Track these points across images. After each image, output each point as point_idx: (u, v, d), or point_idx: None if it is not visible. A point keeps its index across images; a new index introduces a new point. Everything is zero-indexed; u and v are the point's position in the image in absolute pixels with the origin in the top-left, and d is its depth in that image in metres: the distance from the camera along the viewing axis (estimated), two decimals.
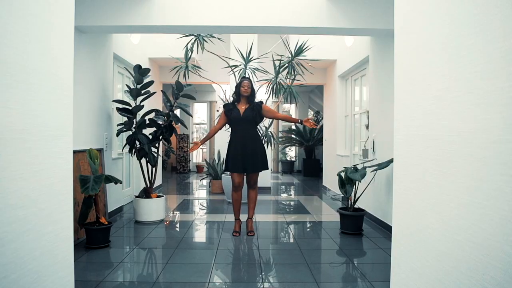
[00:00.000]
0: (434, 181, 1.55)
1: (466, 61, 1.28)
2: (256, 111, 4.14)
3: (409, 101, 1.81)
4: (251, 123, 4.14)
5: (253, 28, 4.16)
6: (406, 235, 1.82)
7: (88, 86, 4.34)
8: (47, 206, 1.73)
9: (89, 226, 3.64)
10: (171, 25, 3.97)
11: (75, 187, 3.80)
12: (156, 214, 4.76)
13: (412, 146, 1.77)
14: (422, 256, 1.63)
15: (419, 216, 1.67)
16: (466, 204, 1.29)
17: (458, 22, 1.33)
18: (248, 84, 4.16)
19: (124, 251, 3.62)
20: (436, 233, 1.52)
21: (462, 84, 1.33)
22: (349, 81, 6.62)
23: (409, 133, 1.80)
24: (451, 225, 1.41)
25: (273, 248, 3.85)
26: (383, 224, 4.53)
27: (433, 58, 1.57)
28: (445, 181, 1.47)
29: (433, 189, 1.57)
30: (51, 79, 1.84)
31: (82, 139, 4.19)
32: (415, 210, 1.72)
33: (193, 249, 3.72)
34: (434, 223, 1.55)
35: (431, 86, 1.59)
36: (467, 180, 1.28)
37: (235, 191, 4.24)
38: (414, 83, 1.75)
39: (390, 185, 4.37)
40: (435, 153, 1.56)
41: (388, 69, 4.49)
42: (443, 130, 1.51)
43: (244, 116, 4.13)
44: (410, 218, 1.76)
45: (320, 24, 4.01)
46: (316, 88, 10.97)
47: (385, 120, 4.56)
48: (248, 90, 4.14)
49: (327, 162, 7.93)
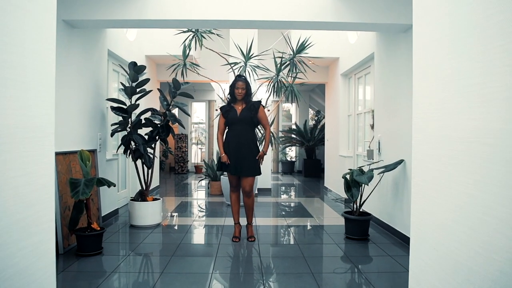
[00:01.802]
0: (463, 190, 1.35)
1: (503, 50, 1.08)
2: (254, 111, 3.92)
3: (430, 99, 1.61)
4: (248, 124, 3.93)
5: (254, 23, 3.95)
6: (427, 249, 1.61)
7: (80, 83, 4.13)
8: (23, 218, 1.53)
9: (80, 232, 3.43)
10: (167, 20, 3.76)
11: (66, 190, 3.60)
12: (152, 218, 4.55)
13: (435, 149, 1.56)
14: (449, 275, 1.43)
15: (444, 229, 1.47)
16: (506, 218, 1.10)
17: (490, 3, 1.12)
18: (242, 85, 3.91)
19: (117, 259, 3.42)
20: (467, 250, 1.33)
21: (499, 78, 1.12)
22: (352, 79, 6.42)
23: (430, 134, 1.60)
24: (486, 242, 1.21)
25: (275, 255, 3.64)
26: (389, 229, 4.33)
27: (462, 49, 1.37)
28: (479, 190, 1.27)
29: (462, 199, 1.37)
30: (30, 74, 1.64)
31: (73, 139, 3.98)
32: (439, 222, 1.51)
33: (190, 256, 3.51)
34: (464, 238, 1.35)
35: (459, 81, 1.38)
36: (506, 190, 1.08)
37: (233, 192, 4.06)
38: (437, 79, 1.55)
39: (397, 187, 4.17)
40: (464, 158, 1.36)
41: (394, 66, 4.29)
42: (475, 132, 1.30)
43: (241, 116, 3.93)
44: (433, 231, 1.56)
45: (324, 18, 3.81)
46: (317, 87, 10.77)
47: (391, 120, 4.36)
48: (243, 92, 3.91)
49: (329, 163, 7.73)
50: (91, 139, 4.43)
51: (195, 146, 12.29)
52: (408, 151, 3.91)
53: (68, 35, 3.83)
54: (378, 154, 4.71)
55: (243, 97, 3.93)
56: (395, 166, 3.93)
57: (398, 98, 4.16)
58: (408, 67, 3.92)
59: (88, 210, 3.50)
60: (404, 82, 4.01)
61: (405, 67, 3.98)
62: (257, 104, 3.97)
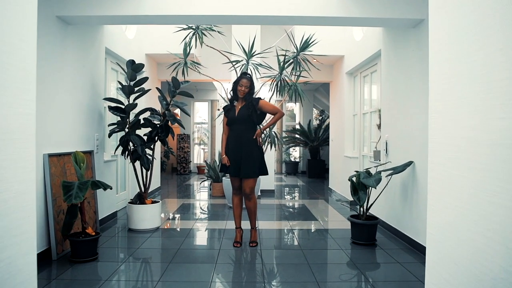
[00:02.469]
0: (491, 200, 1.18)
1: None
2: (252, 108, 3.74)
3: (449, 97, 1.43)
4: (247, 123, 3.74)
5: (256, 18, 3.78)
6: (447, 264, 1.44)
7: (76, 82, 3.98)
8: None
9: (74, 238, 3.28)
10: (164, 15, 3.60)
11: (60, 193, 3.45)
12: (150, 221, 4.40)
13: (455, 152, 1.39)
14: None
15: (467, 243, 1.30)
16: None
17: None
18: (246, 83, 3.74)
19: (113, 266, 3.26)
20: (494, 267, 1.16)
21: None
22: (358, 78, 6.23)
23: (450, 135, 1.42)
24: None
25: (278, 261, 3.47)
26: (397, 233, 4.15)
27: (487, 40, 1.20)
28: (510, 200, 1.11)
29: (489, 209, 1.20)
30: (8, 70, 1.49)
31: (69, 140, 3.83)
32: (461, 235, 1.34)
33: (189, 263, 3.35)
34: (492, 254, 1.18)
35: (483, 76, 1.21)
36: None
37: (235, 195, 3.89)
38: (456, 74, 1.38)
39: (405, 190, 3.99)
40: (491, 162, 1.19)
41: (403, 63, 4.11)
42: (503, 133, 1.13)
43: (238, 116, 3.76)
44: (454, 244, 1.39)
45: (330, 13, 3.63)
46: (321, 86, 10.58)
47: (399, 119, 4.17)
48: (246, 91, 3.74)
49: (333, 164, 7.55)
50: (88, 140, 4.28)
51: (197, 147, 12.15)
52: (417, 152, 3.73)
53: (63, 32, 3.69)
54: (386, 155, 4.52)
55: (244, 95, 3.77)
56: (404, 168, 3.75)
57: (407, 96, 3.98)
58: (418, 64, 3.74)
59: (82, 215, 3.35)
60: (413, 80, 3.83)
61: (415, 64, 3.79)
62: (256, 100, 3.78)
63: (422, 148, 3.60)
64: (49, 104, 3.45)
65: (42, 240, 3.29)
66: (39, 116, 3.29)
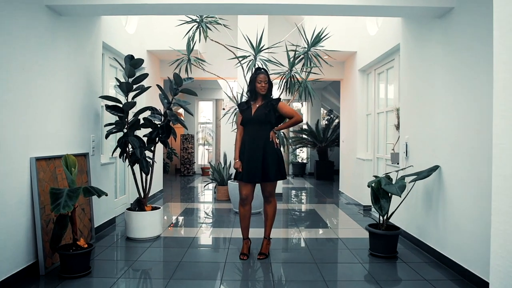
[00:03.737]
0: None
1: None
2: (270, 108, 3.41)
3: None
4: (263, 124, 3.41)
5: (263, 7, 3.41)
6: None
7: (68, 79, 3.65)
8: None
9: (63, 251, 2.95)
10: (164, 4, 3.26)
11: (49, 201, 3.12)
12: (150, 229, 4.06)
13: None
14: None
15: None
16: None
17: None
18: (265, 78, 3.42)
19: (107, 282, 2.91)
20: None
21: None
22: (372, 75, 5.87)
23: None
24: None
25: (289, 277, 3.12)
26: (420, 244, 3.78)
27: None
28: None
29: None
30: None
31: (60, 142, 3.50)
32: None
33: (191, 279, 3.00)
34: None
35: None
36: None
37: (242, 206, 3.52)
38: None
39: (429, 197, 3.62)
40: None
41: (426, 58, 3.74)
42: None
43: (254, 116, 3.43)
44: None
45: (346, 1, 3.27)
46: (329, 85, 10.20)
47: (422, 120, 3.81)
48: (266, 86, 3.42)
49: (344, 166, 7.18)
50: (83, 142, 3.96)
51: (201, 147, 11.82)
52: (445, 155, 3.36)
53: (54, 23, 3.36)
54: (406, 158, 4.16)
55: (266, 92, 3.43)
56: (429, 173, 3.38)
57: (432, 95, 3.61)
58: (445, 58, 3.37)
59: (73, 225, 3.02)
60: (439, 76, 3.46)
61: (442, 59, 3.42)
62: (276, 101, 3.46)
63: (451, 151, 3.24)
64: (38, 103, 3.12)
65: (28, 253, 2.96)
66: (26, 116, 2.96)
